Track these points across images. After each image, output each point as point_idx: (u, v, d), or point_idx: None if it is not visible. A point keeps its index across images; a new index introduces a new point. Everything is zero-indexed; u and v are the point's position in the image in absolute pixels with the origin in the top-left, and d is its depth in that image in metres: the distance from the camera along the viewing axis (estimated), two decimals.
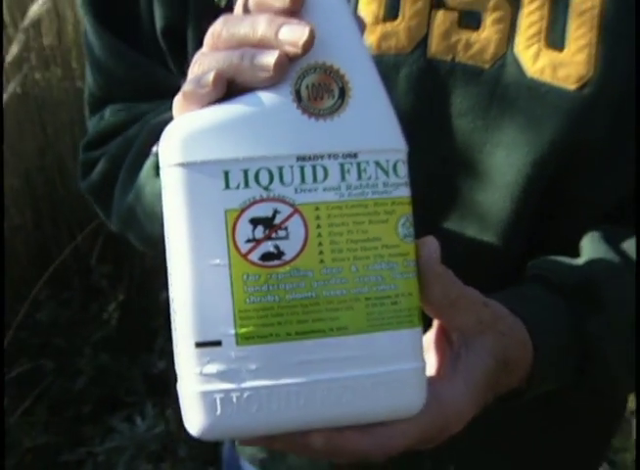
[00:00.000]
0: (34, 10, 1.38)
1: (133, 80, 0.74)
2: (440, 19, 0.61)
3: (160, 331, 1.99)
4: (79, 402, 1.98)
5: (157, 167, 0.60)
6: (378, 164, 0.44)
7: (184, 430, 0.45)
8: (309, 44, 0.43)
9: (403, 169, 0.45)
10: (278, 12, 0.44)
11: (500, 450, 0.72)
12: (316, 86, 0.43)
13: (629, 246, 0.62)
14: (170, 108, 0.54)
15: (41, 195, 2.03)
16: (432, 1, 0.61)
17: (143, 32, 0.72)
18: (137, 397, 1.97)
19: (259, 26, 0.44)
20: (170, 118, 0.49)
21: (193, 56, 0.65)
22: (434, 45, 0.62)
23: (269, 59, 0.43)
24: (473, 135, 0.62)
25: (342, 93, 0.44)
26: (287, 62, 0.43)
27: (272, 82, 0.43)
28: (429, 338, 0.52)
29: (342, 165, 0.43)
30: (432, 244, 0.47)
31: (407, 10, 0.61)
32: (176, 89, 0.67)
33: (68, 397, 1.97)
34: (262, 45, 0.43)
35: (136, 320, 2.04)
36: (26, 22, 1.44)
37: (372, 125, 0.44)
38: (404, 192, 0.45)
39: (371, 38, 0.62)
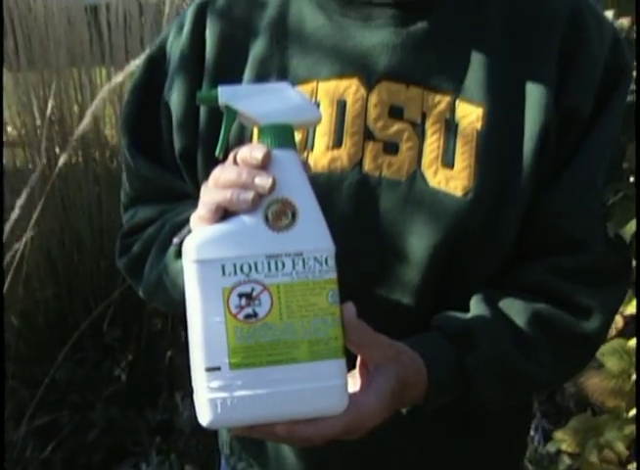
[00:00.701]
0: (79, 130, 1.67)
1: (157, 187, 1.01)
2: (371, 147, 0.89)
3: (164, 387, 2.22)
4: (91, 452, 2.18)
5: (177, 252, 0.89)
6: (315, 258, 0.72)
7: None
8: (272, 188, 0.71)
9: (331, 261, 0.73)
10: (254, 166, 0.73)
11: (433, 450, 0.95)
12: (277, 212, 0.71)
13: (503, 303, 0.88)
14: (185, 210, 0.83)
15: (61, 269, 2.28)
16: (364, 135, 0.89)
17: (165, 153, 1.00)
18: (143, 446, 2.18)
19: (242, 175, 0.72)
20: (185, 218, 0.78)
21: (201, 172, 0.94)
22: (367, 165, 0.89)
23: (248, 196, 0.71)
24: (394, 226, 0.89)
25: (294, 216, 0.72)
26: (259, 198, 0.71)
27: (250, 210, 0.72)
28: (357, 366, 0.79)
29: (293, 260, 0.71)
30: (350, 307, 0.75)
31: (348, 141, 0.89)
32: (187, 195, 0.96)
33: (82, 447, 2.18)
34: (244, 187, 0.72)
35: (142, 378, 2.26)
36: (74, 138, 1.72)
37: (311, 235, 0.72)
38: (332, 275, 0.73)
39: (323, 161, 0.89)
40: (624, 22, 1.26)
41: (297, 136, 0.78)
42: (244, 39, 0.95)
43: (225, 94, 0.75)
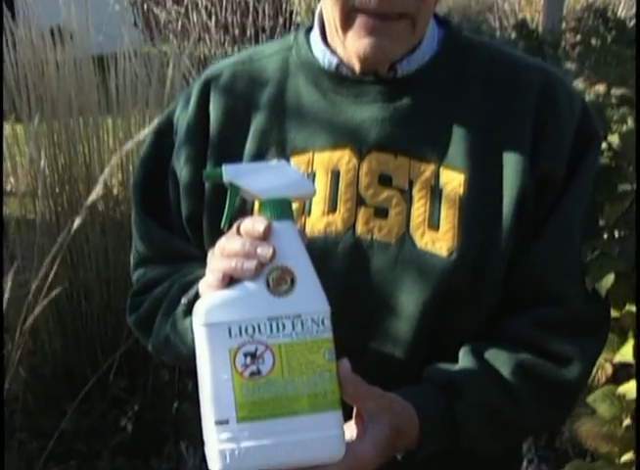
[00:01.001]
0: (91, 197, 1.75)
1: (165, 249, 1.08)
2: (363, 212, 0.97)
3: (170, 437, 2.26)
4: None
5: (185, 311, 0.96)
6: (313, 320, 0.79)
7: None
8: (272, 257, 0.79)
9: (327, 322, 0.80)
10: (256, 237, 0.80)
11: None
12: (277, 278, 0.79)
13: (489, 354, 0.95)
14: (192, 270, 0.90)
15: (69, 321, 2.34)
16: (357, 201, 0.97)
17: (173, 218, 1.07)
18: None
19: (246, 246, 0.80)
20: (192, 279, 0.86)
21: (206, 236, 1.02)
22: (359, 229, 0.97)
23: (251, 265, 0.79)
24: (385, 285, 0.96)
25: (292, 281, 0.79)
26: (261, 267, 0.79)
27: (253, 277, 0.79)
28: (353, 416, 0.86)
29: (292, 322, 0.78)
30: (346, 363, 0.82)
31: (342, 207, 0.97)
32: (193, 257, 1.03)
33: None
34: (248, 257, 0.80)
35: (148, 427, 2.30)
36: (86, 204, 1.80)
37: (309, 299, 0.80)
38: (328, 335, 0.80)
39: (319, 225, 0.97)
40: (600, 88, 1.35)
41: (295, 204, 0.86)
42: (245, 113, 1.03)
43: (229, 172, 0.83)
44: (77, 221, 1.80)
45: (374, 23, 0.91)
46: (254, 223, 0.80)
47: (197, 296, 0.89)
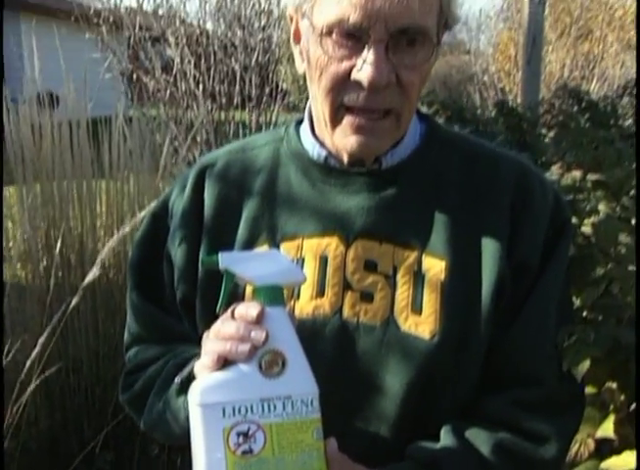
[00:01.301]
0: (89, 278, 1.79)
1: (159, 330, 1.12)
2: (349, 296, 1.02)
3: None
4: None
5: (178, 390, 0.99)
6: (302, 401, 0.83)
7: None
8: (265, 341, 0.83)
9: (316, 403, 0.84)
10: (249, 321, 0.85)
11: None
12: (270, 361, 0.84)
13: (469, 433, 0.99)
14: (185, 350, 0.94)
15: (57, 394, 2.34)
16: (344, 286, 1.02)
17: (167, 299, 1.12)
18: None
19: (240, 329, 0.85)
20: (185, 359, 0.91)
21: (199, 318, 1.06)
22: (346, 312, 1.02)
23: (245, 348, 0.84)
24: (371, 366, 1.01)
25: (284, 364, 0.84)
26: (254, 350, 0.84)
27: (247, 360, 0.84)
28: None
29: (283, 403, 0.83)
30: (333, 442, 0.86)
31: (329, 291, 1.02)
32: (187, 337, 1.08)
33: None
34: (242, 340, 0.84)
35: None
36: (82, 285, 1.84)
37: (299, 381, 0.84)
38: (317, 415, 0.84)
39: (308, 308, 1.02)
40: (577, 174, 1.43)
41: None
42: (238, 200, 1.09)
43: (225, 260, 0.88)
44: (74, 301, 1.83)
45: (360, 122, 0.97)
46: (248, 308, 0.85)
47: (190, 375, 0.93)
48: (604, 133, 2.35)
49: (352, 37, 0.93)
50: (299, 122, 1.12)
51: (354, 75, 0.94)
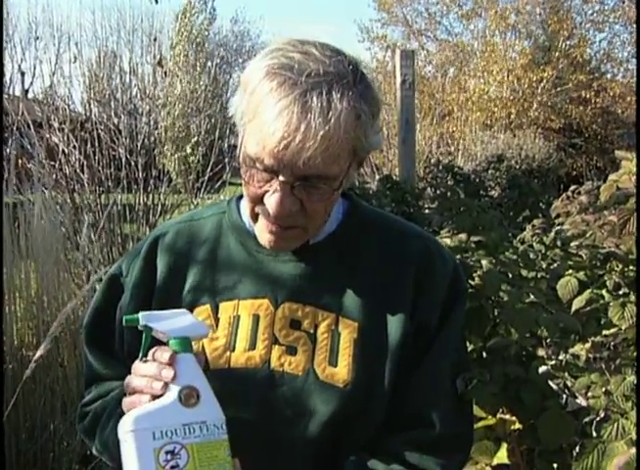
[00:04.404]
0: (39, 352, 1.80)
1: (107, 374, 1.25)
2: (276, 350, 1.15)
3: None
4: None
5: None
6: (214, 425, 0.99)
7: None
8: (173, 379, 0.98)
9: (224, 426, 0.99)
10: (163, 363, 0.99)
11: None
12: (187, 395, 0.99)
13: (370, 465, 1.13)
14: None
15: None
16: (272, 341, 1.16)
17: (115, 350, 1.24)
18: None
19: (155, 369, 0.99)
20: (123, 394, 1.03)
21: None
22: (273, 363, 1.15)
23: (158, 385, 0.98)
24: (294, 409, 1.13)
25: (198, 397, 0.99)
26: (166, 387, 0.98)
27: (163, 393, 0.97)
28: None
29: (200, 427, 0.98)
30: (237, 461, 1.00)
31: (260, 345, 1.16)
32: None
33: None
34: (156, 378, 0.98)
35: None
36: (33, 359, 1.84)
37: (211, 410, 0.99)
38: (226, 436, 0.99)
39: (241, 359, 1.15)
40: (463, 236, 1.63)
41: (221, 343, 1.11)
42: (184, 267, 1.22)
43: (144, 318, 1.04)
44: (29, 371, 1.83)
45: (271, 228, 1.12)
46: (162, 353, 1.01)
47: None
48: (478, 202, 2.62)
49: (269, 170, 1.07)
50: (241, 197, 1.25)
51: (266, 200, 1.08)
